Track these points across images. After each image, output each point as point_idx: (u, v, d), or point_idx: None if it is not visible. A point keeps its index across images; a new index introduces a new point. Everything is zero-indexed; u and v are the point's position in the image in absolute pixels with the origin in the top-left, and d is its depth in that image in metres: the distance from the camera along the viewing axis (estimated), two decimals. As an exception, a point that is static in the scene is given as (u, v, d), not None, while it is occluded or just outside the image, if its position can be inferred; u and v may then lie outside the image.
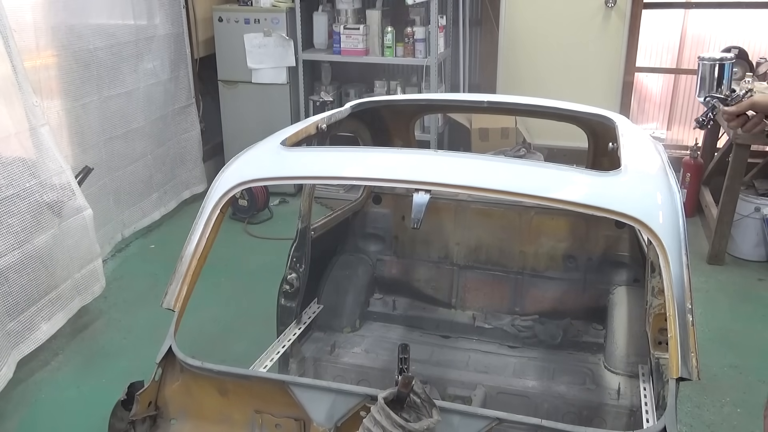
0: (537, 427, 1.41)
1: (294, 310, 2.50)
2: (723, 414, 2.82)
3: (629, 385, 2.32)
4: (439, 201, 2.73)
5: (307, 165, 1.88)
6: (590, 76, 5.30)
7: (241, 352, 3.03)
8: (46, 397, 2.96)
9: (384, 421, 1.37)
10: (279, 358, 2.30)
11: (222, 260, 3.90)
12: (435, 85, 4.82)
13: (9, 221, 2.90)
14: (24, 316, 2.99)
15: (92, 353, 3.27)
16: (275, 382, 1.59)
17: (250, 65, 4.95)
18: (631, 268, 2.64)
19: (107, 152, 4.09)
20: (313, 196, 2.55)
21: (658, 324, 1.82)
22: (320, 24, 5.02)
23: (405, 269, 2.90)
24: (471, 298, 2.83)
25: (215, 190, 1.83)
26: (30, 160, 3.05)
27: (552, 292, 2.74)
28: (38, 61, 3.47)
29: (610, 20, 5.12)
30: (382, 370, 2.49)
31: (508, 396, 2.38)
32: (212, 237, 1.78)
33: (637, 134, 2.20)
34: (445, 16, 5.12)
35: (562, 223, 2.68)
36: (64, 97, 3.70)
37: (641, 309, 2.25)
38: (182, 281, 1.72)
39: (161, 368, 1.66)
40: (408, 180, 1.73)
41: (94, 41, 3.88)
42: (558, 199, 1.61)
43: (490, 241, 2.78)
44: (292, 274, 2.47)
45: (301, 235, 2.49)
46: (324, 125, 2.29)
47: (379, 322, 2.83)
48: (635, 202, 1.60)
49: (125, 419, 1.61)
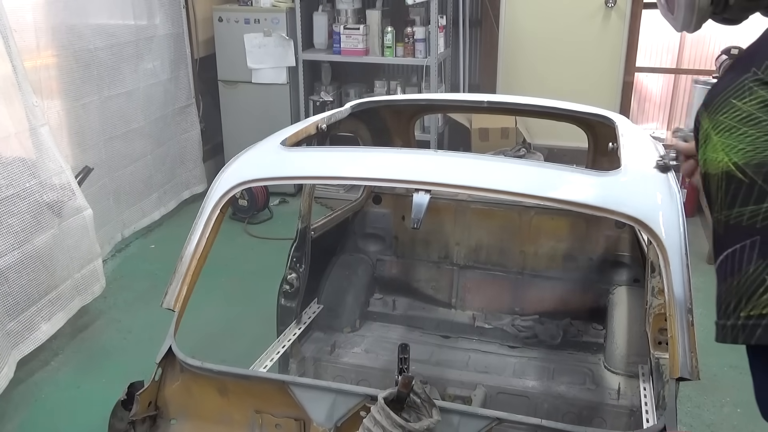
0: (537, 427, 1.41)
1: (294, 310, 2.50)
2: (723, 414, 2.82)
3: (629, 385, 2.32)
4: (439, 201, 2.73)
5: (307, 165, 1.88)
6: (590, 76, 5.30)
7: (241, 352, 3.02)
8: (46, 397, 2.96)
9: (384, 421, 1.37)
10: (279, 358, 2.30)
11: (222, 260, 3.90)
12: (435, 85, 4.82)
13: (9, 221, 2.89)
14: (24, 316, 2.99)
15: (92, 353, 3.27)
16: (275, 382, 1.59)
17: (250, 65, 4.95)
18: (631, 268, 2.64)
19: (107, 152, 4.09)
20: (313, 196, 2.55)
21: (658, 324, 1.82)
22: (320, 24, 5.02)
23: (405, 269, 2.90)
24: (471, 298, 2.83)
25: (215, 190, 1.83)
26: (30, 160, 3.05)
27: (552, 292, 2.74)
28: (39, 61, 3.47)
29: (610, 20, 5.12)
30: (382, 370, 2.49)
31: (508, 396, 2.38)
32: (212, 237, 1.78)
33: (637, 134, 2.20)
34: (445, 16, 5.12)
35: (562, 223, 2.68)
36: (65, 97, 3.70)
37: (641, 309, 2.25)
38: (182, 281, 1.72)
39: (161, 368, 1.66)
40: (408, 180, 1.73)
41: (94, 41, 3.88)
42: (558, 199, 1.61)
43: (490, 241, 2.78)
44: (292, 274, 2.47)
45: (301, 235, 2.49)
46: (324, 125, 2.29)
47: (379, 322, 2.83)
48: (635, 202, 1.60)
49: (125, 419, 1.61)
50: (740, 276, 0.75)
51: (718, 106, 0.78)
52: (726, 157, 0.75)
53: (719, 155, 0.76)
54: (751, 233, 0.73)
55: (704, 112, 0.81)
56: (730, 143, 0.75)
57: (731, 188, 0.75)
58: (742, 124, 0.74)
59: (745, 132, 0.74)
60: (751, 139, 0.73)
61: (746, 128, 0.74)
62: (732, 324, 0.76)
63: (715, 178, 0.77)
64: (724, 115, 0.76)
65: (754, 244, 0.73)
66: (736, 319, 0.75)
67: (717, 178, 0.77)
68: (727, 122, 0.76)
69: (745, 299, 0.74)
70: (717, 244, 0.80)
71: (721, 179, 0.76)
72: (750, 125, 0.74)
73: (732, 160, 0.75)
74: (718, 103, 0.78)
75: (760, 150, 0.73)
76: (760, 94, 0.74)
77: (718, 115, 0.77)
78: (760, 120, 0.74)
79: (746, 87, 0.75)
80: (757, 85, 0.74)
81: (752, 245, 0.73)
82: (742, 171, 0.74)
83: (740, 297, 0.75)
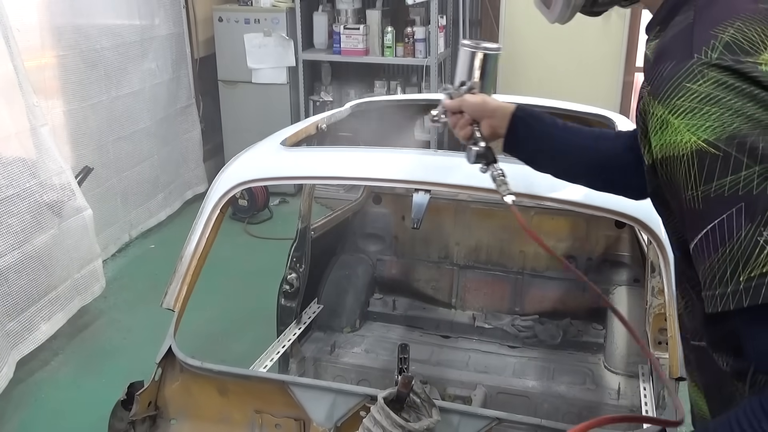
0: (537, 427, 1.41)
1: (294, 310, 2.50)
2: (723, 414, 2.81)
3: (629, 385, 2.33)
4: (439, 201, 2.73)
5: (307, 165, 1.88)
6: (590, 76, 5.29)
7: (241, 352, 3.02)
8: (46, 397, 2.96)
9: (384, 421, 1.37)
10: (279, 358, 2.30)
11: (222, 260, 3.89)
12: (435, 85, 4.82)
13: (9, 221, 2.90)
14: (24, 316, 2.99)
15: (92, 353, 3.27)
16: (275, 382, 1.59)
17: (250, 65, 4.95)
18: (631, 268, 2.64)
19: (115, 152, 4.09)
20: (313, 196, 2.55)
21: (658, 324, 1.82)
22: (320, 24, 5.02)
23: (405, 269, 2.90)
24: (471, 298, 2.83)
25: (215, 190, 1.83)
26: (30, 160, 3.06)
27: (552, 292, 2.74)
28: (43, 61, 3.48)
29: (610, 20, 5.12)
30: (382, 370, 2.49)
31: (508, 396, 2.38)
32: (212, 237, 1.78)
33: (637, 134, 2.20)
34: (445, 16, 5.11)
35: (562, 223, 2.68)
36: (72, 98, 3.72)
37: (641, 309, 2.25)
38: (182, 281, 1.72)
39: (161, 368, 1.66)
40: (408, 180, 1.73)
41: (100, 41, 3.89)
42: (558, 198, 1.61)
43: (490, 241, 2.78)
44: (292, 274, 2.47)
45: (301, 235, 2.49)
46: (324, 125, 2.29)
47: (379, 322, 2.83)
48: (635, 202, 1.59)
49: (125, 419, 1.61)
50: (732, 243, 0.77)
51: (670, 92, 0.82)
52: (693, 136, 0.79)
53: (684, 136, 0.80)
54: (735, 202, 0.77)
55: (653, 100, 0.84)
56: (694, 123, 0.79)
57: (705, 164, 0.79)
58: (703, 104, 0.78)
59: (708, 111, 0.78)
60: (716, 116, 0.78)
61: (708, 107, 0.78)
62: (732, 290, 0.77)
63: (683, 158, 0.81)
64: (681, 99, 0.80)
65: (740, 210, 0.77)
66: (736, 284, 0.77)
67: (685, 158, 0.80)
68: (687, 104, 0.80)
69: (742, 263, 0.76)
70: (695, 221, 0.82)
71: (690, 158, 0.80)
72: (711, 104, 0.78)
73: (701, 137, 0.79)
74: (669, 89, 0.82)
75: (728, 124, 0.77)
76: (711, 75, 0.79)
77: (674, 100, 0.81)
78: (720, 98, 0.78)
79: (696, 71, 0.80)
80: (706, 67, 0.79)
81: (738, 211, 0.77)
82: (714, 146, 0.78)
83: (736, 263, 0.77)
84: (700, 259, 0.81)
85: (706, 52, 0.80)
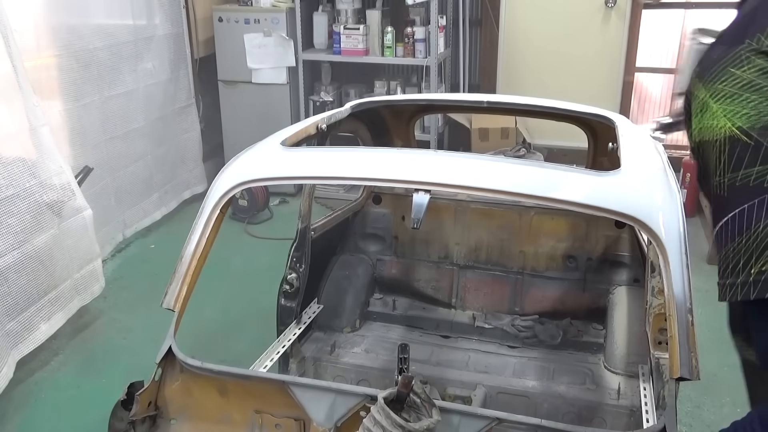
0: (537, 427, 1.41)
1: (294, 310, 2.50)
2: (723, 414, 2.81)
3: (629, 385, 2.33)
4: (439, 201, 2.73)
5: (307, 165, 1.88)
6: (590, 76, 5.30)
7: (241, 352, 3.02)
8: (46, 397, 2.96)
9: (384, 421, 1.37)
10: (279, 358, 2.30)
11: (222, 260, 3.90)
12: (435, 85, 4.82)
13: (9, 221, 2.89)
14: (23, 316, 2.99)
15: (92, 353, 3.27)
16: (275, 382, 1.59)
17: (250, 65, 4.95)
18: (631, 268, 2.64)
19: (108, 152, 4.09)
20: (313, 196, 2.55)
21: (658, 324, 1.82)
22: (320, 24, 5.02)
23: (405, 269, 2.90)
24: (471, 298, 2.83)
25: (215, 190, 1.83)
26: (30, 160, 3.05)
27: (552, 292, 2.74)
28: (39, 61, 3.48)
29: (610, 20, 5.12)
30: (382, 370, 2.49)
31: (508, 396, 2.38)
32: (212, 237, 1.78)
33: (637, 134, 2.20)
34: (445, 16, 5.12)
35: (562, 223, 2.68)
36: (65, 97, 3.71)
37: (641, 309, 2.25)
38: (182, 281, 1.72)
39: (161, 368, 1.66)
40: (408, 180, 1.73)
41: (93, 41, 3.88)
42: (558, 199, 1.61)
43: (490, 241, 2.79)
44: (292, 274, 2.47)
45: (301, 235, 2.49)
46: (324, 125, 2.29)
47: (379, 322, 2.83)
48: (635, 202, 1.59)
49: (125, 419, 1.61)
50: (749, 234, 0.76)
51: (714, 76, 0.80)
52: (728, 122, 0.78)
53: (720, 121, 0.79)
54: (759, 193, 0.75)
55: (698, 82, 0.83)
56: (732, 109, 0.77)
57: (736, 151, 0.77)
58: (743, 91, 0.77)
59: (747, 98, 0.76)
60: (754, 104, 0.76)
61: (748, 94, 0.76)
62: (742, 281, 0.77)
63: (716, 144, 0.79)
64: (723, 83, 0.78)
65: (762, 203, 0.75)
66: (747, 276, 0.76)
67: (718, 143, 0.79)
68: (727, 89, 0.78)
69: (756, 256, 0.75)
70: (719, 207, 0.82)
71: (723, 144, 0.78)
72: (751, 91, 0.76)
73: (735, 124, 0.77)
74: (714, 72, 0.80)
75: (764, 114, 0.75)
76: (758, 62, 0.77)
77: (717, 84, 0.79)
78: (761, 86, 0.76)
79: (743, 56, 0.78)
80: (754, 54, 0.78)
81: (760, 204, 0.75)
82: (747, 134, 0.76)
83: (750, 254, 0.76)
84: (719, 247, 0.80)
85: (759, 39, 0.77)
